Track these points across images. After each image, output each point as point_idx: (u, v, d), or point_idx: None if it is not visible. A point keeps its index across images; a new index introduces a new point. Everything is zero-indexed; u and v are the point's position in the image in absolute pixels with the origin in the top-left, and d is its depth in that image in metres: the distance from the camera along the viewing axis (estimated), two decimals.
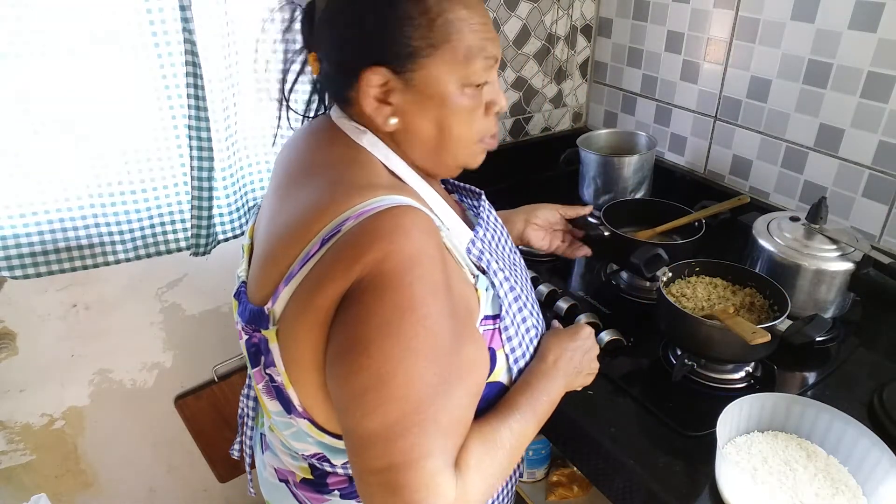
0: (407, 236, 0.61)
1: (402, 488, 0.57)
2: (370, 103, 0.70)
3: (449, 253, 0.69)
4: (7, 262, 1.10)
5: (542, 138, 1.79)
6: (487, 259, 0.75)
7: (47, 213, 1.11)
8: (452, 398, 0.62)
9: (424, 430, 0.58)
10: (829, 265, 1.04)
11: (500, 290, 0.74)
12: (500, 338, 0.74)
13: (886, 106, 1.16)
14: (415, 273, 0.60)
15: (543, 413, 0.76)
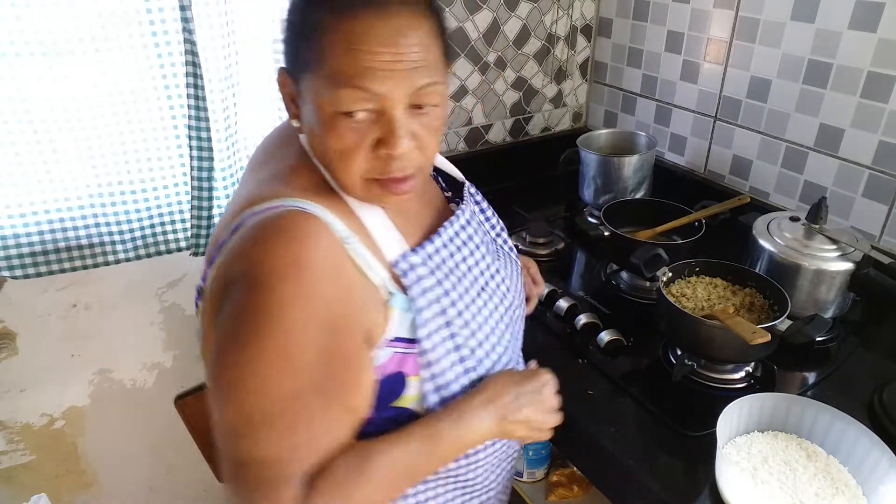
0: (287, 242, 0.62)
1: (245, 483, 0.62)
2: (284, 101, 0.72)
3: (355, 266, 0.67)
4: (7, 262, 1.10)
5: (542, 138, 1.79)
6: (419, 277, 0.71)
7: (47, 213, 1.11)
8: (313, 413, 0.62)
9: (271, 437, 0.61)
10: (829, 265, 1.04)
11: (421, 315, 0.70)
12: (414, 363, 0.70)
13: (886, 106, 1.16)
14: (287, 281, 0.60)
15: (448, 451, 0.71)
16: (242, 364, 0.60)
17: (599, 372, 1.04)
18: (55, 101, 1.04)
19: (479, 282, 0.81)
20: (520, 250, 1.38)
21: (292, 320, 0.60)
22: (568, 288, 1.27)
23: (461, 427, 0.70)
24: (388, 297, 0.69)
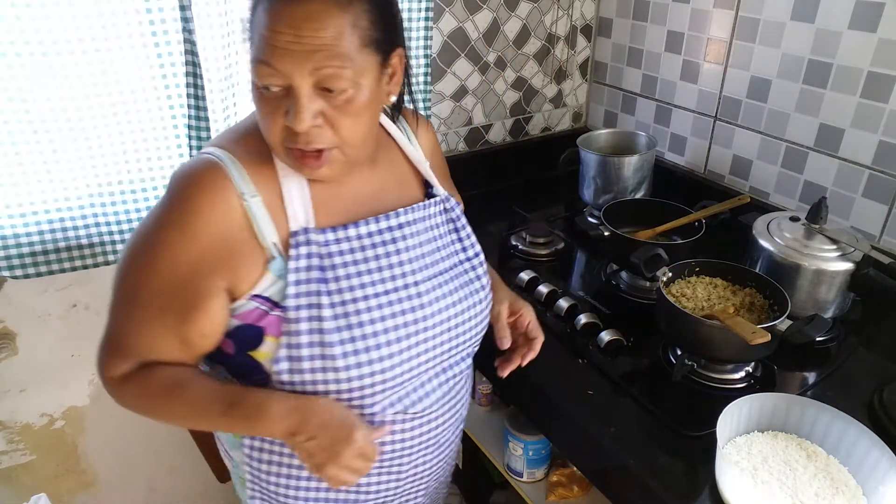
0: (185, 181, 0.73)
1: (101, 342, 0.80)
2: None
3: (246, 221, 0.74)
4: (7, 262, 1.10)
5: (542, 138, 1.79)
6: (308, 254, 0.75)
7: (47, 213, 1.11)
8: (151, 316, 0.75)
9: (120, 315, 0.78)
10: (829, 265, 1.04)
11: (293, 289, 0.75)
12: (277, 326, 0.76)
13: (886, 106, 1.16)
14: (172, 212, 0.73)
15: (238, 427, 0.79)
16: (126, 254, 0.76)
17: (599, 372, 1.04)
18: (55, 101, 1.04)
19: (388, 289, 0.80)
20: (519, 250, 1.39)
21: (163, 240, 0.73)
22: (568, 288, 1.27)
23: (258, 416, 0.75)
24: (270, 260, 0.75)
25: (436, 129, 1.56)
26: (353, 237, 0.80)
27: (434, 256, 0.87)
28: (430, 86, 1.39)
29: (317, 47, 0.68)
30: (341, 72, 0.69)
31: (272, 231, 0.75)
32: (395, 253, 0.83)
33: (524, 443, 1.30)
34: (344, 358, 0.76)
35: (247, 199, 0.74)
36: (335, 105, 0.71)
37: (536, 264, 1.34)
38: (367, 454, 0.76)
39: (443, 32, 1.46)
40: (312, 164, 0.74)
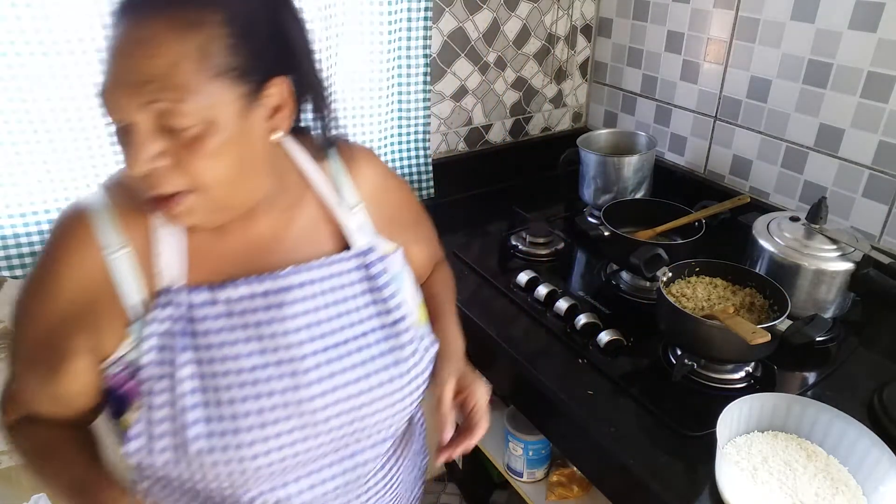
0: (54, 231, 0.70)
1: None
2: None
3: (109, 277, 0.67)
4: (7, 262, 1.10)
5: (542, 138, 1.79)
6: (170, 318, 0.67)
7: (47, 213, 1.11)
8: (21, 371, 0.73)
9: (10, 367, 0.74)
10: (829, 265, 1.05)
11: (148, 356, 0.66)
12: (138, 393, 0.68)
13: (886, 106, 1.16)
14: (39, 265, 0.70)
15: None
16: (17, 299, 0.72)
17: (599, 372, 1.04)
18: (55, 101, 1.04)
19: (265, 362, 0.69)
20: (519, 250, 1.39)
21: (30, 294, 0.70)
22: (568, 288, 1.27)
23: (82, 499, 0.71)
24: (132, 321, 0.67)
25: (436, 129, 1.57)
26: (225, 300, 0.69)
27: (333, 324, 0.73)
28: (429, 85, 1.39)
29: (148, 77, 0.58)
30: (179, 107, 0.59)
31: (137, 289, 0.67)
32: (279, 321, 0.70)
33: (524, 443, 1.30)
34: (196, 441, 0.65)
35: (109, 254, 0.66)
36: (183, 144, 0.61)
37: (536, 264, 1.34)
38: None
39: (443, 32, 1.46)
40: (167, 210, 0.64)
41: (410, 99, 1.38)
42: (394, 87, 1.36)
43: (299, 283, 0.72)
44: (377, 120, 1.37)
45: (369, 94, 1.33)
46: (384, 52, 1.29)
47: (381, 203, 0.83)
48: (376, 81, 1.32)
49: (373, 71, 1.31)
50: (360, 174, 0.81)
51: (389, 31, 1.28)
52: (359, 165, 0.82)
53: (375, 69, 1.31)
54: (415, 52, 1.33)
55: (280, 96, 0.66)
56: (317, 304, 0.72)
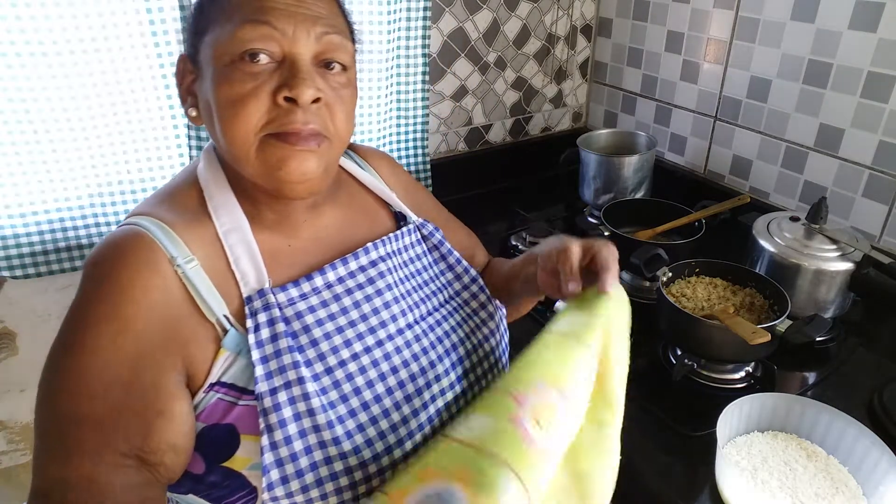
0: (104, 260, 0.59)
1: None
2: (179, 88, 0.67)
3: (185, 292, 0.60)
4: (7, 262, 1.10)
5: (542, 138, 1.79)
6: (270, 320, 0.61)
7: (47, 213, 1.11)
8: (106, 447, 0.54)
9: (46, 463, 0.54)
10: (829, 265, 1.04)
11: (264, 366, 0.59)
12: (252, 419, 0.59)
13: (886, 106, 1.16)
14: (87, 301, 0.58)
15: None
16: (46, 379, 0.57)
17: None
18: (55, 101, 1.04)
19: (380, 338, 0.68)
20: (519, 250, 1.38)
21: (91, 346, 0.56)
22: None
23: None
24: (222, 335, 0.61)
25: (435, 129, 1.57)
26: (320, 287, 0.67)
27: (420, 294, 0.74)
28: (428, 85, 1.39)
29: (321, 14, 0.61)
30: (346, 43, 0.63)
31: (219, 301, 0.61)
32: (377, 294, 0.69)
33: None
34: (350, 439, 0.60)
35: (180, 265, 0.60)
36: (332, 85, 0.62)
37: None
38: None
39: (443, 32, 1.46)
40: (305, 146, 0.60)
41: (409, 99, 1.38)
42: (392, 86, 1.36)
43: (380, 257, 0.72)
44: (376, 119, 1.36)
45: (368, 95, 1.33)
46: (383, 51, 1.29)
47: (407, 190, 0.85)
48: (375, 81, 1.32)
49: (372, 71, 1.31)
50: (381, 169, 0.84)
51: (388, 31, 1.28)
52: (377, 163, 0.85)
53: (374, 69, 1.31)
54: (414, 52, 1.33)
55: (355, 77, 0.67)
56: (402, 276, 0.73)
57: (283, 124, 0.59)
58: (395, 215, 0.81)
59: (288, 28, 0.59)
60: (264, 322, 0.61)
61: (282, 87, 0.59)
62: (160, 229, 0.61)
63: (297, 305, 0.64)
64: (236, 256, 0.64)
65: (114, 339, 0.56)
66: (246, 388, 0.60)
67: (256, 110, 0.59)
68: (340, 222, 0.74)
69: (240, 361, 0.60)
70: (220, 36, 0.60)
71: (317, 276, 0.67)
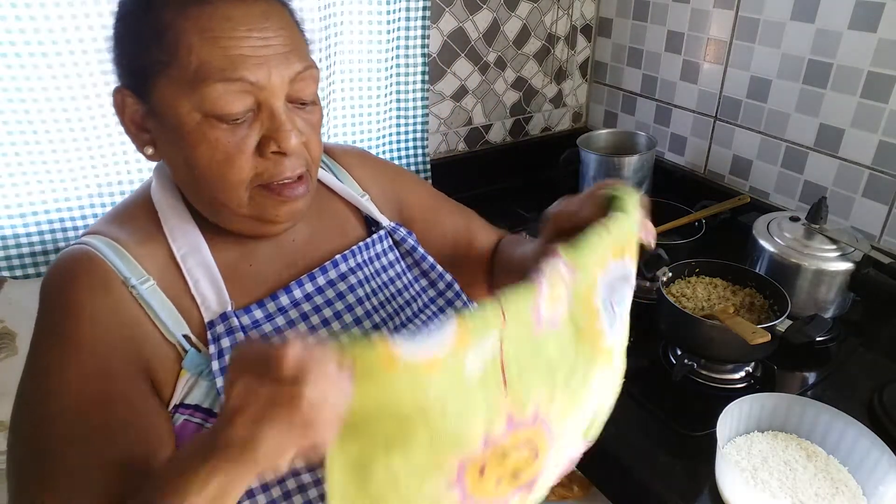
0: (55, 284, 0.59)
1: None
2: (126, 127, 0.62)
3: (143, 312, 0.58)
4: (7, 262, 1.10)
5: (542, 138, 1.79)
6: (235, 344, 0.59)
7: (47, 213, 1.11)
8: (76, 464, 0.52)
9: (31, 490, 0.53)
10: (829, 265, 1.04)
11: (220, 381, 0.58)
12: None
13: (886, 106, 1.16)
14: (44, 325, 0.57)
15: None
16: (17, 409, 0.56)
17: None
18: (55, 101, 1.04)
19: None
20: None
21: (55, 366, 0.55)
22: None
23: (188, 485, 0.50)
24: (183, 356, 0.59)
25: (435, 129, 1.57)
26: (287, 306, 0.64)
27: (398, 301, 0.72)
28: (427, 85, 1.39)
29: (287, 47, 0.57)
30: (312, 72, 0.59)
31: (178, 320, 0.60)
32: (347, 310, 0.67)
33: None
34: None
35: (135, 286, 0.58)
36: (305, 119, 0.60)
37: None
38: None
39: (443, 32, 1.46)
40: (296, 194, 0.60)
41: (409, 99, 1.38)
42: (392, 87, 1.36)
43: (350, 269, 0.69)
44: (375, 119, 1.36)
45: (368, 95, 1.33)
46: (383, 52, 1.29)
47: (384, 189, 0.82)
48: (375, 81, 1.32)
49: (371, 71, 1.31)
50: (353, 168, 0.81)
51: (388, 31, 1.28)
52: (349, 162, 0.81)
53: (374, 69, 1.31)
54: (413, 52, 1.33)
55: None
56: (373, 288, 0.70)
57: (274, 175, 0.59)
58: (366, 220, 0.78)
59: (262, 78, 0.55)
60: (228, 347, 0.59)
61: (268, 141, 0.57)
62: (111, 249, 0.59)
63: (262, 328, 0.62)
64: (195, 280, 0.61)
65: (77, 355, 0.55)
66: (212, 411, 0.58)
67: (244, 167, 0.57)
68: (307, 235, 0.71)
69: (202, 383, 0.59)
70: (180, 94, 0.55)
71: (282, 294, 0.64)
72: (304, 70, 0.58)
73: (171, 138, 0.58)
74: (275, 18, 0.57)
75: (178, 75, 0.55)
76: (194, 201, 0.63)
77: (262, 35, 0.55)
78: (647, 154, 1.45)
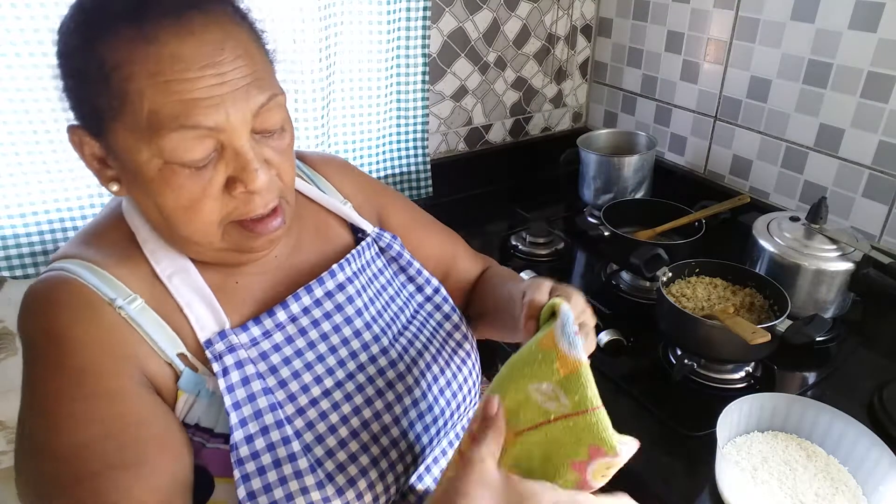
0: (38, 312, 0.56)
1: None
2: (88, 164, 0.60)
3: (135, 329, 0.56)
4: (7, 262, 1.10)
5: (542, 138, 1.79)
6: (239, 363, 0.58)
7: (47, 213, 1.11)
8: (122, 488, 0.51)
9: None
10: (829, 265, 1.04)
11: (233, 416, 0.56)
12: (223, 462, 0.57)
13: (886, 106, 1.16)
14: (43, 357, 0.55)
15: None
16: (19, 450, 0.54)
17: (599, 372, 1.03)
18: (55, 101, 1.04)
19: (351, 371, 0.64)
20: (519, 250, 1.39)
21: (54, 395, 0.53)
22: None
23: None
24: (179, 375, 0.58)
25: (435, 130, 1.57)
26: (284, 322, 0.62)
27: (392, 309, 0.71)
28: (428, 85, 1.39)
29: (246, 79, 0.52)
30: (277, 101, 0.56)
31: (172, 339, 0.58)
32: (346, 322, 0.65)
33: None
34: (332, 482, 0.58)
35: (122, 306, 0.56)
36: (274, 147, 0.57)
37: (536, 264, 1.34)
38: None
39: (443, 32, 1.46)
40: (270, 228, 0.58)
41: (409, 99, 1.38)
42: (392, 87, 1.36)
43: (347, 278, 0.68)
44: (376, 119, 1.36)
45: (368, 95, 1.33)
46: (383, 52, 1.29)
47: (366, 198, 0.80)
48: (375, 81, 1.32)
49: (371, 71, 1.31)
50: (332, 177, 0.79)
51: (388, 31, 1.28)
52: (328, 171, 0.79)
53: (374, 69, 1.31)
54: (413, 52, 1.33)
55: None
56: (370, 296, 0.69)
57: (245, 213, 0.57)
58: (350, 227, 0.76)
59: (220, 121, 0.52)
60: (232, 365, 0.57)
61: (235, 183, 0.55)
62: (89, 271, 0.57)
63: (260, 345, 0.61)
64: (187, 300, 0.59)
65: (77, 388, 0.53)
66: (212, 430, 0.58)
67: (213, 209, 0.55)
68: (290, 248, 0.69)
69: (201, 402, 0.58)
70: (136, 142, 0.52)
71: (279, 310, 0.62)
72: (267, 101, 0.55)
73: (133, 181, 0.56)
74: (230, 48, 0.52)
75: (131, 122, 0.51)
76: (166, 238, 0.61)
77: (216, 72, 0.51)
78: (647, 154, 1.45)
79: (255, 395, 0.58)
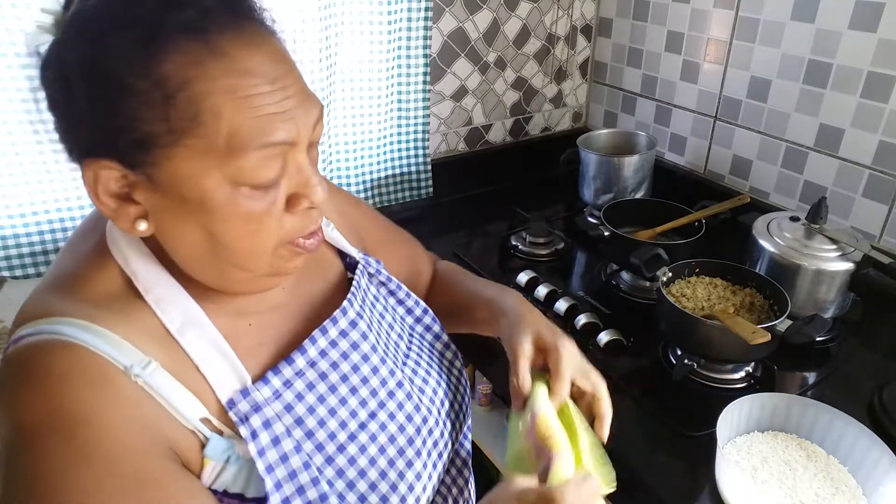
0: (39, 389, 0.46)
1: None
2: (103, 205, 0.50)
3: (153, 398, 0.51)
4: (7, 262, 1.10)
5: (542, 138, 1.79)
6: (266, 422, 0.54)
7: (47, 213, 1.11)
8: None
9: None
10: (829, 265, 1.04)
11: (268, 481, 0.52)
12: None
13: (886, 106, 1.16)
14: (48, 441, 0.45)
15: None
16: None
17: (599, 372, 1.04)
18: None
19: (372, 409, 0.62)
20: (519, 250, 1.39)
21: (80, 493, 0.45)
22: (568, 288, 1.27)
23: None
24: (205, 442, 0.53)
25: (435, 129, 1.57)
26: (303, 368, 0.59)
27: (392, 337, 0.69)
28: (429, 85, 1.39)
29: (304, 91, 0.51)
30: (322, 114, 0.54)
31: (192, 403, 0.52)
32: (364, 360, 0.63)
33: None
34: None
35: (139, 374, 0.49)
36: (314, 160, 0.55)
37: (536, 264, 1.34)
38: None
39: (443, 32, 1.46)
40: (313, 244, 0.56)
41: (410, 99, 1.38)
42: (393, 87, 1.36)
43: (357, 313, 0.65)
44: (376, 120, 1.37)
45: (368, 95, 1.33)
46: (384, 52, 1.29)
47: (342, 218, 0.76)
48: (376, 81, 1.32)
49: (372, 71, 1.31)
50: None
51: (389, 31, 1.28)
52: None
53: (375, 69, 1.31)
54: (414, 52, 1.33)
55: None
56: (378, 329, 0.67)
57: (302, 230, 0.54)
58: (337, 252, 0.72)
59: (293, 134, 0.50)
60: (260, 426, 0.54)
61: (299, 199, 0.53)
62: (90, 332, 0.49)
63: (283, 397, 0.57)
64: (203, 357, 0.54)
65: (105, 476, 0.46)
66: (244, 496, 0.54)
67: (274, 231, 0.52)
68: (292, 281, 0.65)
69: (229, 468, 0.54)
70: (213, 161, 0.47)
71: (297, 356, 0.58)
72: (319, 116, 0.53)
73: (184, 212, 0.50)
74: (284, 59, 0.50)
75: (203, 145, 0.47)
76: (199, 273, 0.55)
77: (283, 85, 0.49)
78: (647, 154, 1.45)
79: (288, 454, 0.54)
